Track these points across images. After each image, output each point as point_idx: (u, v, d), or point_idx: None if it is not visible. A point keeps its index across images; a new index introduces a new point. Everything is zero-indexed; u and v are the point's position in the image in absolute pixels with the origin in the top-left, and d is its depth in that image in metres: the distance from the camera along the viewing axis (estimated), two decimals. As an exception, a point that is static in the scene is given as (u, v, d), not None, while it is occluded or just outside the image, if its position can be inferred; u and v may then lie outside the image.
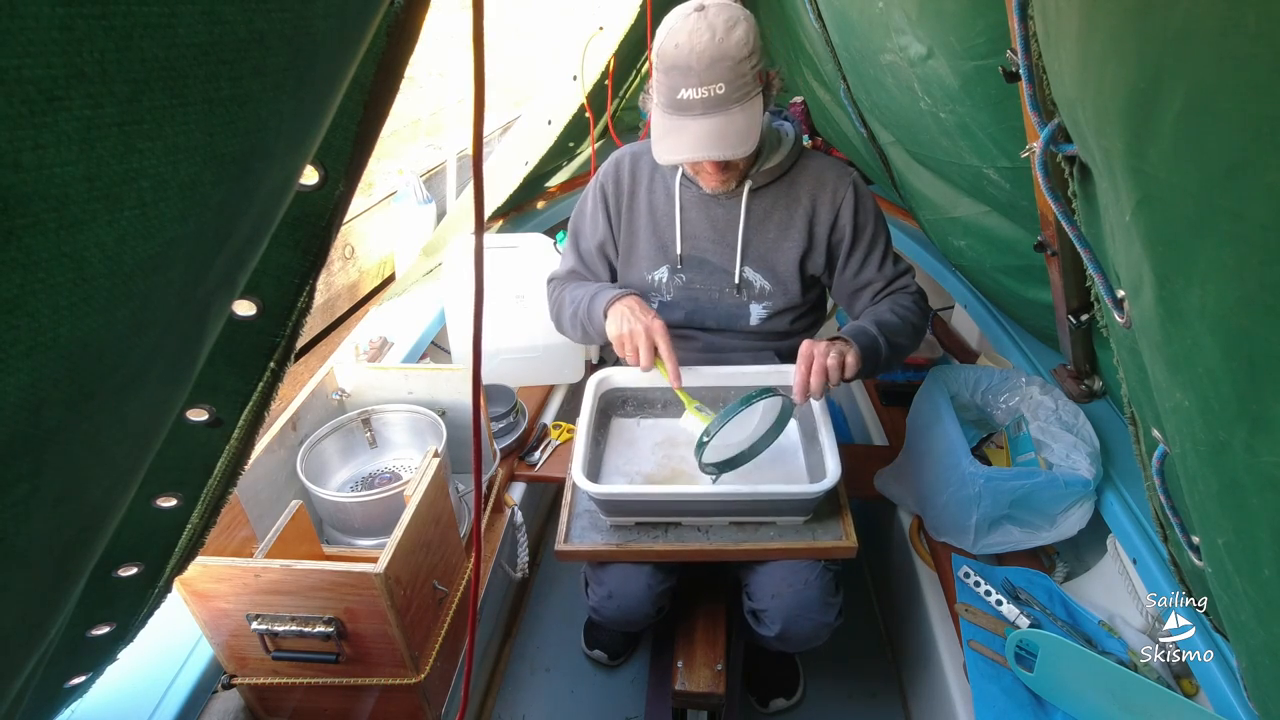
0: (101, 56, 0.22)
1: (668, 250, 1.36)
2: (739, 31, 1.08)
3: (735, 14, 1.09)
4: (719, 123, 1.11)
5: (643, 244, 1.38)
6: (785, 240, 1.32)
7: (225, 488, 0.53)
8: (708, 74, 1.08)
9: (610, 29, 2.01)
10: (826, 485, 1.09)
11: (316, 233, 0.45)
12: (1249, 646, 0.68)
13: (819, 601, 1.20)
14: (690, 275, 1.36)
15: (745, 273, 1.34)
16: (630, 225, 1.38)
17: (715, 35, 1.06)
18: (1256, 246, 0.47)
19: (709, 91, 1.09)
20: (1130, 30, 0.53)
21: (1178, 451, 0.72)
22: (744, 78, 1.09)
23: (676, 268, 1.36)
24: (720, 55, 1.07)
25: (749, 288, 1.35)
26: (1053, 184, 0.84)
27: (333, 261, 3.55)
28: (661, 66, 1.12)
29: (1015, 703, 1.09)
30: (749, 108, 1.12)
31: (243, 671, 1.04)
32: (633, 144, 1.43)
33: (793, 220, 1.31)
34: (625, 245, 1.40)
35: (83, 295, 0.25)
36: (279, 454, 1.19)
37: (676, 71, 1.09)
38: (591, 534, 1.20)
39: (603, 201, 1.39)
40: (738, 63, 1.08)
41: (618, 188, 1.38)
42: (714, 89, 1.08)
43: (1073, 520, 1.25)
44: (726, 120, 1.11)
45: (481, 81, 0.44)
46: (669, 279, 1.38)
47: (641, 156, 1.38)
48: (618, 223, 1.40)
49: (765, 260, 1.33)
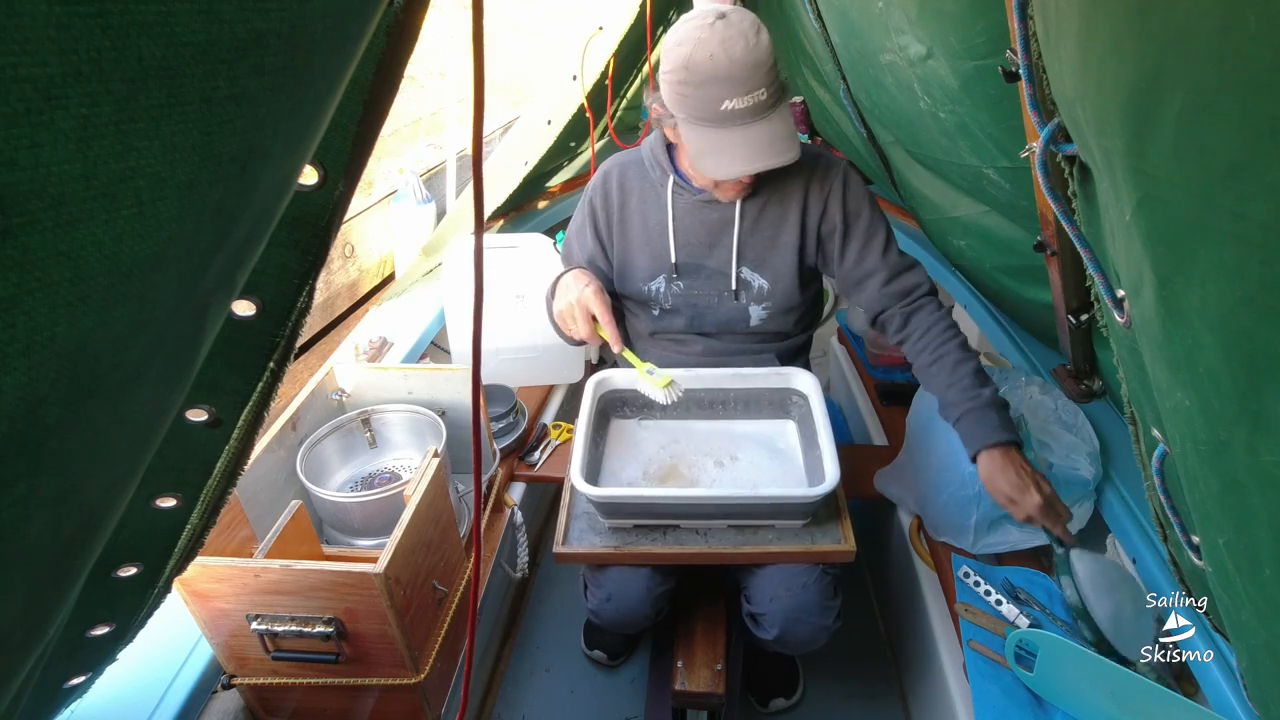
0: (98, 55, 0.22)
1: (662, 259, 1.35)
2: (765, 35, 1.08)
3: (754, 19, 1.09)
4: (766, 129, 1.10)
5: (637, 256, 1.36)
6: (780, 237, 1.31)
7: (225, 488, 0.53)
8: (751, 81, 1.06)
9: (610, 29, 2.01)
10: (825, 489, 1.09)
11: (316, 233, 0.45)
12: (1249, 646, 0.68)
13: (818, 605, 1.20)
14: (687, 282, 1.35)
15: (742, 274, 1.33)
16: (623, 239, 1.37)
17: (749, 42, 1.05)
18: (1256, 246, 0.46)
19: (754, 99, 1.07)
20: (1130, 30, 0.53)
21: (1178, 451, 0.72)
22: (778, 80, 1.10)
23: (673, 276, 1.35)
24: (758, 61, 1.06)
25: (747, 289, 1.34)
26: (1053, 184, 0.84)
27: (333, 260, 3.55)
28: (695, 80, 1.08)
29: (1015, 703, 1.09)
30: (784, 110, 1.12)
31: (243, 671, 1.04)
32: (620, 154, 1.41)
33: (786, 216, 1.30)
34: (620, 259, 1.38)
35: (80, 294, 0.25)
36: (279, 454, 1.19)
37: (716, 84, 1.06)
38: (590, 536, 1.20)
39: (591, 219, 1.38)
40: (770, 67, 1.07)
41: (606, 202, 1.37)
42: (758, 95, 1.07)
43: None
44: (772, 125, 1.10)
45: (481, 81, 0.44)
46: (666, 288, 1.36)
47: (630, 167, 1.36)
48: (608, 237, 1.38)
49: (762, 260, 1.32)
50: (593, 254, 1.40)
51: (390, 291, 2.07)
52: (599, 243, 1.39)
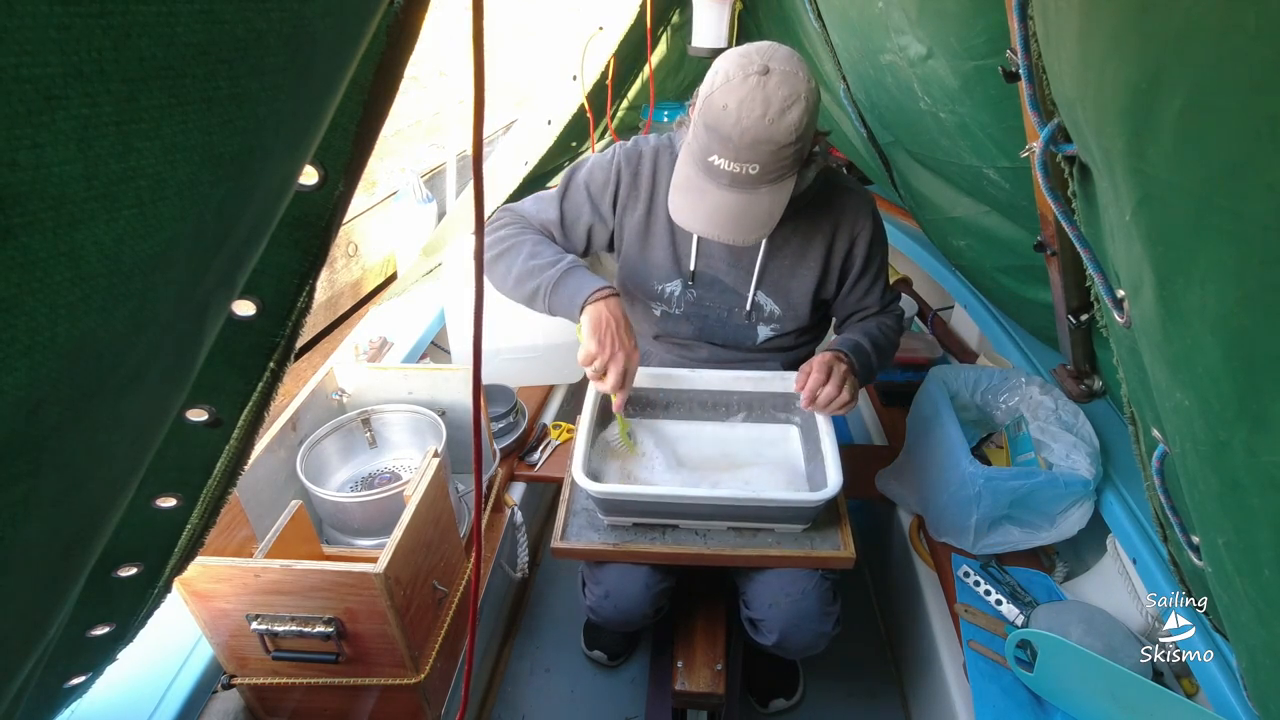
0: (99, 55, 0.22)
1: (681, 264, 1.32)
2: (793, 115, 0.98)
3: (796, 90, 0.99)
4: (741, 202, 1.04)
5: (657, 252, 1.31)
6: (801, 268, 1.29)
7: (225, 488, 0.53)
8: (745, 153, 1.00)
9: (610, 29, 2.01)
10: (827, 495, 1.08)
11: (316, 233, 0.45)
12: (1249, 646, 0.68)
13: (817, 611, 1.20)
14: (701, 293, 1.33)
15: (758, 298, 1.32)
16: (646, 228, 1.30)
17: (768, 115, 0.97)
18: (1256, 246, 0.46)
19: (741, 169, 1.01)
20: (1130, 30, 0.53)
21: (1178, 451, 0.72)
22: (784, 161, 1.02)
23: (689, 284, 1.33)
24: (765, 139, 0.98)
25: (759, 311, 1.33)
26: (1053, 184, 0.84)
27: (335, 260, 3.55)
28: (703, 121, 1.03)
29: (1015, 703, 1.09)
30: (779, 189, 1.05)
31: (243, 671, 1.04)
32: (659, 136, 1.32)
33: (810, 248, 1.28)
34: (634, 248, 1.32)
35: (81, 294, 0.25)
36: (279, 454, 1.19)
37: (715, 136, 1.01)
38: (588, 533, 1.20)
39: (614, 183, 1.28)
40: (781, 148, 1.00)
41: (637, 180, 1.28)
42: (748, 168, 1.01)
43: (1073, 520, 1.25)
44: (750, 201, 1.05)
45: (482, 82, 0.44)
46: (680, 293, 1.34)
47: (662, 153, 1.28)
48: (621, 213, 1.30)
49: (779, 287, 1.31)
50: (591, 223, 1.30)
51: (390, 291, 2.07)
52: (609, 210, 1.29)
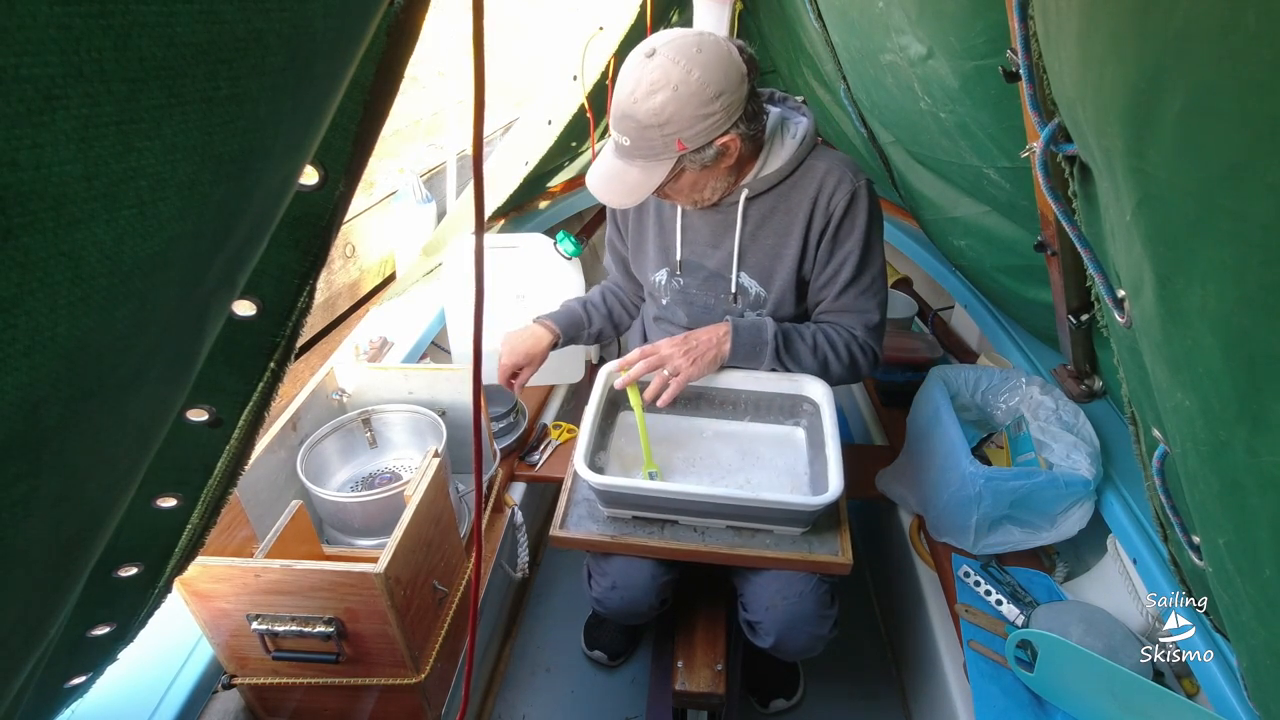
0: (99, 55, 0.22)
1: (669, 254, 1.36)
2: (656, 100, 1.04)
3: (669, 78, 1.03)
4: (617, 168, 1.14)
5: (650, 246, 1.39)
6: (783, 248, 1.27)
7: (225, 488, 0.53)
8: (619, 123, 1.10)
9: (610, 29, 2.00)
10: (827, 499, 1.07)
11: (316, 233, 0.45)
12: (1249, 646, 0.68)
13: (814, 615, 1.20)
14: (688, 280, 1.36)
15: (741, 280, 1.32)
16: (640, 225, 1.40)
17: (634, 94, 1.05)
18: (1256, 246, 0.46)
19: (620, 138, 1.11)
20: (1130, 30, 0.53)
21: (1178, 451, 0.72)
22: (650, 142, 1.08)
23: (675, 272, 1.36)
24: (629, 114, 1.07)
25: (744, 294, 1.33)
26: (1053, 184, 0.84)
27: (334, 260, 3.55)
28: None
29: (1015, 703, 1.09)
30: (650, 168, 1.11)
31: (243, 671, 1.04)
32: None
33: (791, 227, 1.25)
34: (635, 244, 1.43)
35: (81, 294, 0.25)
36: (279, 454, 1.19)
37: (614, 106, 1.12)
38: (588, 523, 1.20)
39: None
40: (644, 127, 1.06)
41: None
42: (622, 139, 1.11)
43: (1073, 520, 1.25)
44: (623, 169, 1.13)
45: (482, 82, 0.44)
46: (668, 282, 1.38)
47: None
48: (624, 222, 1.43)
49: (761, 268, 1.30)
50: (611, 237, 1.50)
51: (390, 291, 2.07)
52: (617, 227, 1.47)
